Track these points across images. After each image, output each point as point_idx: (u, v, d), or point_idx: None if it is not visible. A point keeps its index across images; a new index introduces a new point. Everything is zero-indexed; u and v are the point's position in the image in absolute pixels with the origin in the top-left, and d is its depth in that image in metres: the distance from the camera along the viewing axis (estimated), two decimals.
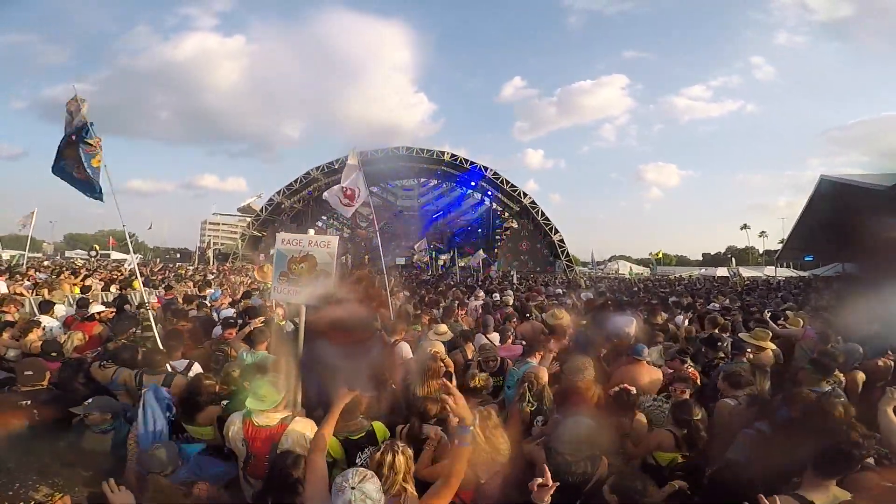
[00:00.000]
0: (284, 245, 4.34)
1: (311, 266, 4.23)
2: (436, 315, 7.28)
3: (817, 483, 2.29)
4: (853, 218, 20.86)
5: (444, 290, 11.96)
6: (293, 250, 4.29)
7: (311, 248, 4.28)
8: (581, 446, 2.79)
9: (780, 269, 35.64)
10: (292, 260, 4.26)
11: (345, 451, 2.90)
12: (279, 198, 42.01)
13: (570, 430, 2.85)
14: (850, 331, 5.46)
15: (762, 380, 4.35)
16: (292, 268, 4.28)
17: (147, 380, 3.82)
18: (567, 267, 39.48)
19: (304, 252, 4.28)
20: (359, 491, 1.83)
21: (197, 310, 7.49)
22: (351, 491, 1.82)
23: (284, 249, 4.32)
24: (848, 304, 7.20)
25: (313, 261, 4.21)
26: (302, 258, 4.27)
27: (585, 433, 2.84)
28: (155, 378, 3.80)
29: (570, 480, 2.70)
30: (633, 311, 7.76)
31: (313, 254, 4.23)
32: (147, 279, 14.34)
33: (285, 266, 4.28)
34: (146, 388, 3.32)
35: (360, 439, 2.95)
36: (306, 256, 4.26)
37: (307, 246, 4.30)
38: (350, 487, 1.83)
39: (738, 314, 8.52)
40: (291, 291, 4.23)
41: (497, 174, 41.48)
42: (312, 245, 4.29)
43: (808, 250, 30.51)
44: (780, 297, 13.61)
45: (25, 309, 7.71)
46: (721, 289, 18.36)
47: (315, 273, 4.22)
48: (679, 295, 13.85)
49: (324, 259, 4.22)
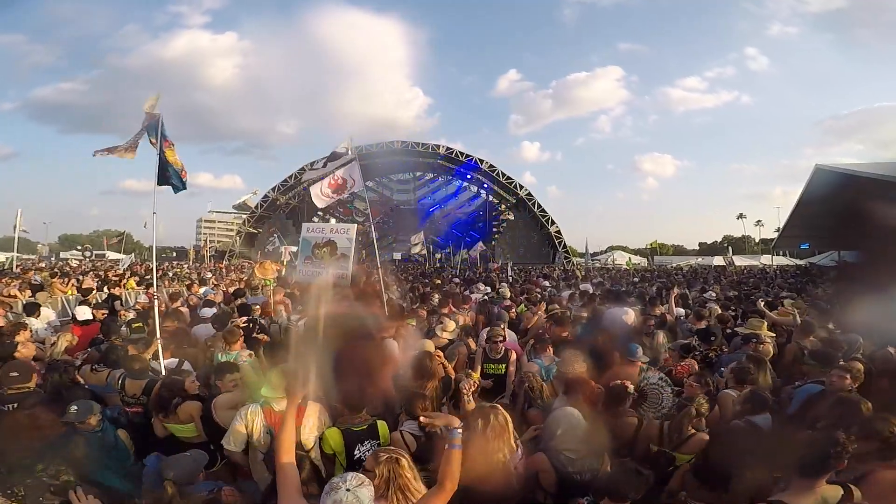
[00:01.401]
0: (309, 233, 5.20)
1: (332, 250, 5.03)
2: (431, 308, 7.20)
3: (803, 485, 2.19)
4: (850, 207, 20.95)
5: (441, 284, 11.91)
6: (317, 237, 5.11)
7: (332, 234, 5.12)
8: (582, 442, 2.75)
9: (777, 257, 35.78)
10: (316, 245, 5.07)
11: (345, 443, 2.88)
12: (274, 194, 41.89)
13: (567, 426, 2.80)
14: (851, 321, 5.33)
15: (761, 373, 4.21)
16: (316, 252, 5.07)
17: (129, 384, 3.80)
18: (564, 258, 39.53)
19: (326, 238, 5.10)
20: (352, 494, 1.81)
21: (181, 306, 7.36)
22: (345, 493, 1.81)
23: (309, 237, 5.17)
24: (847, 293, 7.11)
25: (334, 246, 5.03)
26: (325, 243, 5.07)
27: (583, 427, 2.80)
28: (137, 383, 3.79)
29: (575, 478, 2.67)
30: (631, 301, 7.76)
31: (334, 240, 5.06)
32: (142, 279, 14.28)
33: (310, 251, 5.08)
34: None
35: (361, 431, 2.92)
36: (328, 242, 5.07)
37: (329, 233, 5.15)
38: (345, 489, 1.82)
39: (738, 306, 8.47)
40: (315, 273, 5.01)
41: (493, 167, 41.44)
42: (333, 232, 5.15)
43: (804, 238, 30.61)
44: (777, 286, 13.62)
45: (18, 311, 7.64)
46: (718, 278, 18.35)
47: (336, 256, 5.01)
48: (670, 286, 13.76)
49: (343, 244, 5.01)
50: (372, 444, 2.88)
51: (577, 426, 2.80)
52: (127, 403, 3.75)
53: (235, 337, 4.86)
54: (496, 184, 42.82)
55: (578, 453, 2.72)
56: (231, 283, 14.15)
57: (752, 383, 3.90)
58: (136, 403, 3.73)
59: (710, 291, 11.34)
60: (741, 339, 5.38)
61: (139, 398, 3.74)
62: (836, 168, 21.86)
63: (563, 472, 2.69)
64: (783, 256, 37.48)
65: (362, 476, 1.94)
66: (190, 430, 3.31)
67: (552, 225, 41.42)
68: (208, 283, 13.43)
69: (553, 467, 2.71)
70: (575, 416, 2.86)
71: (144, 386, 3.76)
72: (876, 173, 19.00)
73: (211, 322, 5.79)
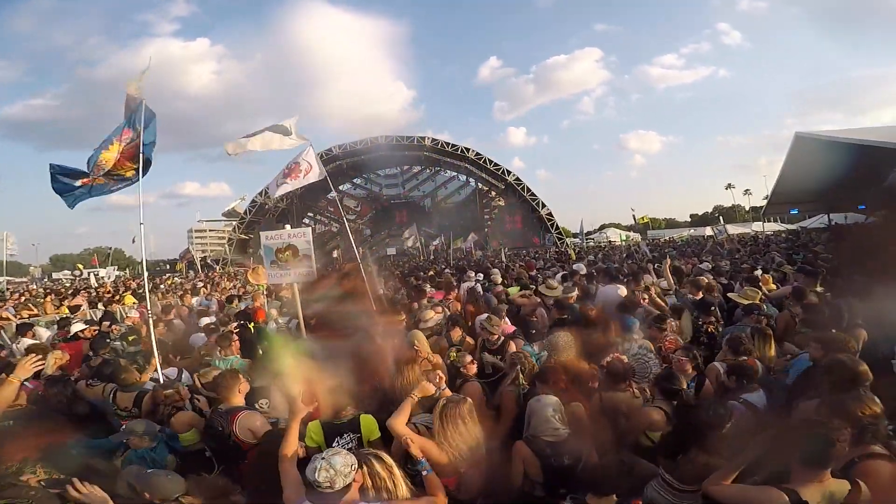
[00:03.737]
0: (269, 240, 5.50)
1: (293, 253, 5.39)
2: (424, 304, 7.18)
3: (808, 476, 2.06)
4: (833, 171, 21.33)
5: (435, 275, 11.88)
6: (277, 243, 5.44)
7: (290, 239, 5.44)
8: (561, 429, 2.75)
9: (768, 223, 36.04)
10: (278, 250, 5.41)
11: (325, 435, 2.96)
12: (262, 198, 41.49)
13: (541, 412, 2.81)
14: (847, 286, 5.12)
15: (764, 345, 4.01)
16: (279, 256, 5.41)
17: (120, 397, 3.80)
18: (558, 239, 39.60)
19: (285, 243, 5.42)
20: (326, 461, 1.96)
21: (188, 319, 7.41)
22: (321, 461, 1.97)
23: (270, 244, 5.47)
24: (843, 255, 6.94)
25: (295, 249, 5.39)
26: (286, 248, 5.41)
27: (557, 412, 2.81)
28: (127, 395, 3.80)
29: (557, 463, 2.67)
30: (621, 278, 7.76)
31: (294, 243, 5.40)
32: (134, 292, 14.16)
33: (273, 256, 5.42)
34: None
35: (341, 424, 2.99)
36: (289, 246, 5.41)
37: (287, 238, 5.46)
38: (321, 458, 1.98)
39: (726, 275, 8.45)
40: (282, 275, 5.49)
41: (479, 154, 41.25)
42: (291, 237, 5.46)
43: (793, 205, 30.98)
44: (768, 252, 13.62)
45: (12, 333, 7.58)
46: (714, 248, 18.35)
47: (298, 258, 5.39)
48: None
49: (303, 246, 5.41)
50: (351, 437, 2.94)
51: (546, 408, 2.81)
52: (119, 416, 3.75)
53: (228, 342, 4.94)
54: (484, 171, 42.65)
55: (558, 438, 2.73)
56: (224, 290, 14.09)
57: (747, 353, 3.71)
58: (128, 416, 3.71)
59: (705, 262, 11.31)
60: (742, 310, 5.25)
61: (131, 410, 3.74)
62: (816, 135, 22.25)
63: (544, 459, 2.70)
64: (774, 223, 37.73)
65: (340, 449, 2.10)
66: (191, 436, 3.33)
67: (543, 208, 41.39)
68: (199, 292, 13.36)
69: (534, 454, 2.72)
70: (545, 399, 2.88)
71: (135, 398, 3.76)
72: (855, 138, 19.30)
73: (204, 331, 5.80)
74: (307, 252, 5.35)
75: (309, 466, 1.96)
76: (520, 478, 2.74)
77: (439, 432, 2.72)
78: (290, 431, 2.61)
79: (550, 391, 3.05)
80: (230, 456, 3.08)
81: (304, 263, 5.36)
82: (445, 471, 2.63)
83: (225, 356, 4.87)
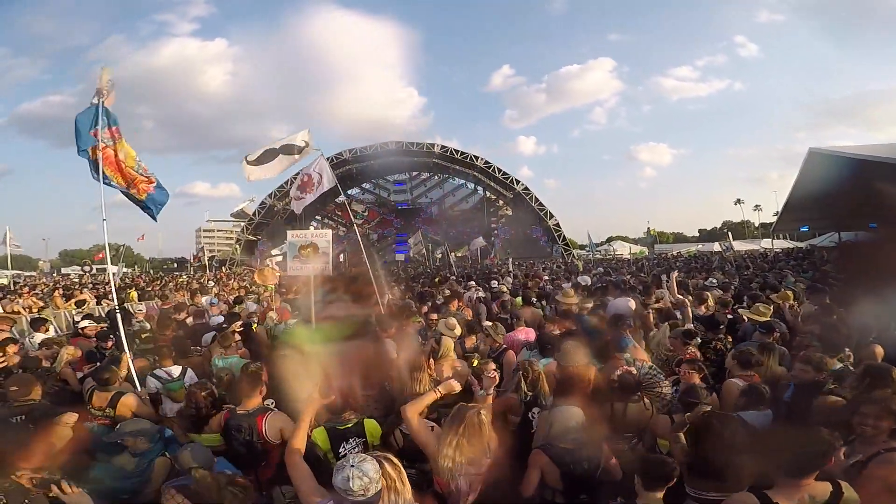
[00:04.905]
0: (294, 238, 6.62)
1: (314, 249, 6.37)
2: (434, 307, 7.20)
3: (788, 483, 2.11)
4: (847, 189, 21.02)
5: (440, 282, 11.89)
6: (301, 241, 6.49)
7: (313, 238, 6.57)
8: (579, 437, 2.74)
9: (777, 240, 35.75)
10: (301, 247, 6.40)
11: (330, 441, 2.93)
12: (271, 200, 41.76)
13: (563, 422, 2.80)
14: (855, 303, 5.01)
15: (771, 360, 4.02)
16: (302, 252, 6.40)
17: (97, 397, 3.75)
18: (564, 251, 39.48)
19: (309, 241, 6.49)
20: (357, 469, 1.93)
21: (194, 318, 7.43)
22: (350, 468, 1.94)
23: (294, 241, 6.56)
24: (851, 273, 6.91)
25: (316, 246, 6.39)
26: (308, 245, 6.42)
27: (579, 423, 2.79)
28: (104, 395, 3.74)
29: (577, 470, 2.67)
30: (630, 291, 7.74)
31: (316, 241, 6.46)
32: (143, 290, 14.28)
33: (297, 251, 6.42)
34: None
35: (345, 429, 2.96)
36: (311, 243, 6.43)
37: (310, 237, 6.61)
38: (350, 465, 1.95)
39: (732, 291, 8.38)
40: (304, 268, 6.39)
41: (488, 163, 41.30)
42: (314, 237, 6.65)
43: (803, 221, 30.62)
44: (779, 269, 13.53)
45: (23, 328, 7.67)
46: (721, 265, 18.26)
47: (318, 254, 6.35)
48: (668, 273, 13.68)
49: (323, 245, 6.42)
50: (357, 442, 2.92)
51: (570, 419, 2.80)
52: (93, 415, 3.69)
53: (229, 341, 5.02)
54: (493, 180, 42.70)
55: (576, 445, 2.72)
56: (231, 290, 14.18)
57: (757, 365, 3.80)
58: (102, 416, 3.68)
59: (711, 278, 11.26)
60: (751, 325, 5.22)
61: (104, 410, 3.69)
62: (830, 151, 21.90)
63: (563, 467, 2.69)
64: (783, 240, 37.43)
65: (366, 455, 2.07)
66: (216, 439, 3.31)
67: (551, 218, 41.31)
68: (209, 291, 13.44)
69: (553, 462, 2.70)
70: (568, 411, 2.86)
71: (111, 399, 3.70)
72: (870, 155, 18.99)
73: (216, 330, 5.85)
74: (326, 250, 6.34)
75: (339, 475, 1.92)
76: (533, 487, 2.72)
77: (443, 434, 2.63)
78: (301, 423, 2.59)
79: (572, 401, 3.01)
80: (248, 458, 3.05)
81: (321, 259, 6.29)
82: (440, 473, 2.57)
83: (225, 355, 4.89)
